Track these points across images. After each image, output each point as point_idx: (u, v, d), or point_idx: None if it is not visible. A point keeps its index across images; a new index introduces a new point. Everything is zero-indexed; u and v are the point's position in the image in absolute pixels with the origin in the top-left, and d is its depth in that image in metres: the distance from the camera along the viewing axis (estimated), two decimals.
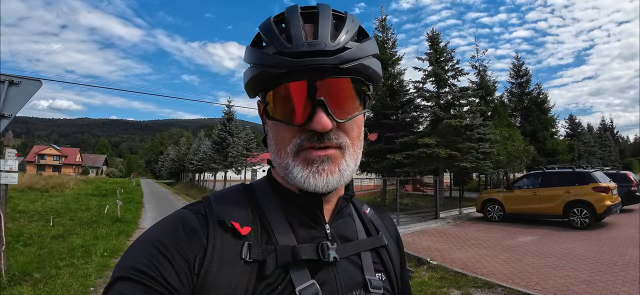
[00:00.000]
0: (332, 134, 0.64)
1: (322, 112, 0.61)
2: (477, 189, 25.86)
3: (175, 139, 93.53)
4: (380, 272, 0.76)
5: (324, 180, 0.64)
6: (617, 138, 70.34)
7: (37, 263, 6.91)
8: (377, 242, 0.79)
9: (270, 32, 0.64)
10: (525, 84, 29.18)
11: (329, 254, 0.66)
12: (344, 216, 0.78)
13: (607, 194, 10.65)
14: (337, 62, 0.61)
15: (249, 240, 0.64)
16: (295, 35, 0.61)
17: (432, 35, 18.32)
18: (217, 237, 0.62)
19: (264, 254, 0.63)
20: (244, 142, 28.42)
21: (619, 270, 6.42)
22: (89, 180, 42.98)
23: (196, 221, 0.64)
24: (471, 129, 16.64)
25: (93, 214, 13.90)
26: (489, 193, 14.04)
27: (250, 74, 0.66)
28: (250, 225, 0.66)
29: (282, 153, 0.66)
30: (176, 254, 0.58)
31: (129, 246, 0.62)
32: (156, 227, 0.64)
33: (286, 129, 0.65)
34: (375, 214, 0.88)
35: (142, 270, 0.56)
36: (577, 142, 34.13)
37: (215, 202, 0.68)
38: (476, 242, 9.24)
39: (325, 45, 0.60)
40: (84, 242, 8.83)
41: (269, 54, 0.62)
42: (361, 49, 0.64)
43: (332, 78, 0.62)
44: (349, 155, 0.67)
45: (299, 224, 0.70)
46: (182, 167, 53.92)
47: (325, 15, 0.65)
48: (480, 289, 5.84)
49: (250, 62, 0.66)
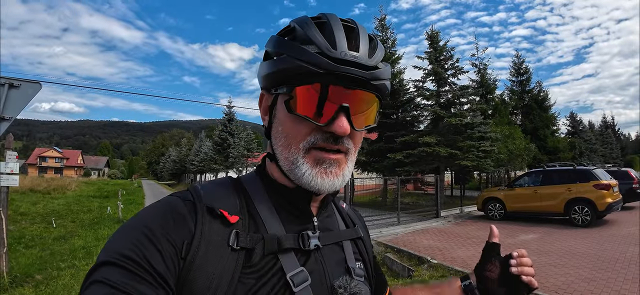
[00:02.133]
0: (345, 139, 0.69)
1: (344, 117, 0.65)
2: (478, 188, 25.88)
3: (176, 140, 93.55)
4: (359, 261, 0.82)
5: (330, 181, 0.68)
6: (619, 135, 70.09)
7: (38, 265, 6.94)
8: (355, 234, 0.85)
9: (312, 31, 0.66)
10: (525, 82, 29.14)
11: (310, 243, 0.71)
12: (328, 211, 0.83)
13: (608, 191, 10.62)
14: (370, 77, 0.66)
15: (237, 229, 0.65)
16: (340, 42, 0.64)
17: (431, 34, 18.32)
18: (205, 223, 0.63)
19: (251, 242, 0.65)
20: (244, 143, 28.48)
21: (620, 268, 6.40)
22: (91, 182, 42.99)
23: (184, 207, 0.64)
24: (472, 128, 16.63)
25: (95, 216, 13.94)
26: (490, 191, 14.01)
27: (281, 65, 0.67)
28: (238, 214, 0.68)
29: (293, 147, 0.68)
30: (163, 239, 0.59)
31: (115, 232, 0.62)
32: (143, 213, 0.64)
33: (304, 125, 0.67)
34: (351, 209, 0.95)
35: (127, 255, 0.56)
36: (578, 140, 34.06)
37: (203, 191, 0.69)
38: (477, 241, 9.22)
39: (365, 59, 0.65)
40: (85, 244, 8.86)
41: (311, 52, 0.63)
42: (386, 71, 0.70)
43: (361, 90, 0.66)
44: (350, 160, 0.72)
45: (288, 216, 0.73)
46: (184, 168, 53.99)
47: (364, 33, 0.69)
48: None
49: (284, 53, 0.67)
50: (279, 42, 0.69)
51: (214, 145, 30.02)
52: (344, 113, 0.65)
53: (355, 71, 0.64)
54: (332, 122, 0.65)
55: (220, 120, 30.60)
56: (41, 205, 16.47)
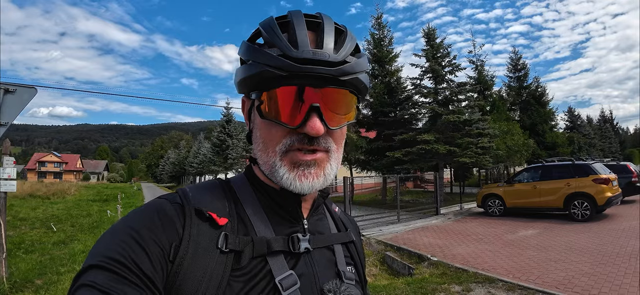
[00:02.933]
0: (322, 138, 0.67)
1: (316, 117, 0.63)
2: (477, 184, 25.89)
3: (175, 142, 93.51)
4: (351, 265, 0.81)
5: (309, 183, 0.67)
6: (617, 129, 70.35)
7: (38, 270, 6.91)
8: (347, 238, 0.84)
9: (274, 34, 0.65)
10: (523, 78, 29.24)
11: (299, 246, 0.70)
12: (319, 214, 0.82)
13: (608, 185, 10.63)
14: (338, 73, 0.64)
15: (226, 231, 0.65)
16: (302, 41, 0.63)
17: (428, 32, 18.32)
18: (194, 225, 0.63)
19: (240, 245, 0.64)
20: (243, 144, 28.45)
21: (620, 262, 6.40)
22: (90, 186, 42.91)
23: (172, 210, 0.64)
24: (470, 124, 16.64)
25: (94, 220, 13.88)
26: (489, 188, 14.02)
27: (247, 72, 0.66)
28: (227, 216, 0.67)
29: (270, 152, 0.68)
30: (151, 242, 0.58)
31: (102, 234, 0.61)
32: (130, 216, 0.63)
33: (277, 129, 0.66)
34: (343, 213, 0.94)
35: (114, 258, 0.55)
36: (576, 135, 34.17)
37: (192, 193, 0.69)
38: (477, 238, 9.24)
39: (328, 56, 0.63)
40: (85, 248, 8.82)
41: (273, 55, 0.63)
42: (358, 64, 0.67)
43: (330, 87, 0.65)
44: (333, 159, 0.70)
45: (278, 219, 0.72)
46: (183, 170, 54.04)
47: (329, 27, 0.67)
48: (481, 284, 5.83)
49: (250, 59, 0.67)
50: (246, 49, 0.69)
51: (212, 147, 30.09)
52: (316, 113, 0.63)
53: (319, 69, 0.62)
54: (304, 124, 0.63)
55: (218, 121, 30.65)
56: (41, 210, 16.42)
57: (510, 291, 5.47)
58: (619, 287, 5.24)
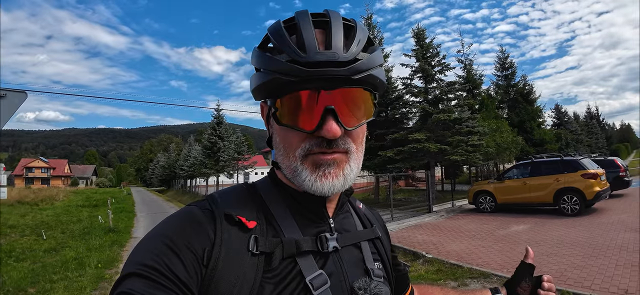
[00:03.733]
0: (340, 140, 0.65)
1: (332, 119, 0.62)
2: (468, 181, 26.11)
3: (164, 145, 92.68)
4: (378, 262, 0.80)
5: (330, 183, 0.66)
6: (604, 125, 71.47)
7: (31, 278, 6.82)
8: (373, 234, 0.83)
9: (282, 39, 0.65)
10: (510, 76, 29.58)
11: (328, 245, 0.70)
12: (344, 212, 0.81)
13: (596, 180, 10.81)
14: (349, 73, 0.62)
15: (255, 234, 0.65)
16: (309, 44, 0.62)
17: (417, 32, 18.47)
18: (224, 230, 0.64)
19: (271, 247, 0.64)
20: (234, 146, 28.28)
21: (611, 254, 6.52)
22: (79, 191, 42.35)
23: (203, 216, 0.65)
24: (460, 123, 16.81)
25: (85, 226, 13.73)
26: (480, 185, 14.16)
27: (260, 79, 0.66)
28: (255, 220, 0.68)
29: (291, 156, 0.67)
30: (184, 248, 0.59)
31: (138, 243, 0.63)
32: (163, 224, 0.65)
33: (295, 134, 0.66)
34: (368, 209, 0.93)
35: (150, 265, 0.56)
36: (564, 131, 34.59)
37: (220, 199, 0.70)
38: (470, 234, 9.33)
39: (338, 56, 0.62)
40: (77, 255, 8.72)
41: (282, 61, 0.62)
42: (371, 59, 0.66)
43: (343, 88, 0.64)
44: (353, 160, 0.69)
45: (304, 220, 0.72)
46: (173, 173, 53.54)
47: (337, 24, 0.66)
48: (476, 280, 5.91)
49: (261, 67, 0.67)
50: (256, 57, 0.69)
51: (203, 150, 29.79)
52: (331, 115, 0.62)
53: (330, 72, 0.61)
54: (320, 128, 0.62)
55: (209, 123, 30.32)
56: (30, 217, 16.18)
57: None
58: (611, 279, 5.35)
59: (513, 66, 29.65)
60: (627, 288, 4.95)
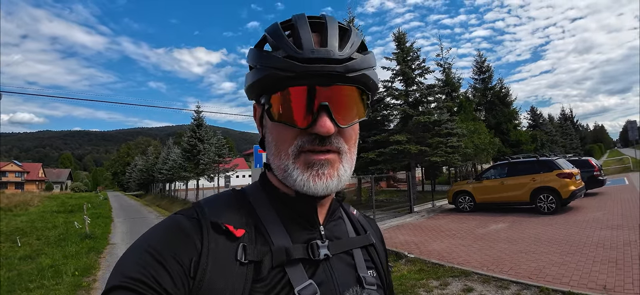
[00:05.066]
0: (333, 138, 0.66)
1: (325, 116, 0.62)
2: (447, 182, 26.47)
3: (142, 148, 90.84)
4: (371, 269, 0.79)
5: (324, 183, 0.65)
6: (578, 126, 73.40)
7: (7, 287, 6.62)
8: (366, 241, 0.82)
9: (279, 37, 0.65)
10: (487, 80, 30.15)
11: (319, 252, 0.69)
12: (336, 218, 0.80)
13: (571, 179, 11.11)
14: (344, 70, 0.63)
15: (243, 242, 0.64)
16: (306, 41, 0.63)
17: (398, 35, 18.63)
18: (211, 240, 0.62)
19: (259, 255, 0.63)
20: (215, 149, 27.94)
21: (588, 251, 6.69)
22: (54, 196, 41.10)
23: (189, 225, 0.63)
24: (439, 125, 17.04)
25: (60, 232, 13.31)
26: (459, 185, 14.37)
27: (256, 76, 0.66)
28: (244, 227, 0.67)
29: (283, 155, 0.67)
30: (170, 259, 0.58)
31: (122, 255, 0.61)
32: (148, 234, 0.63)
33: (288, 131, 0.66)
34: (362, 216, 0.92)
35: (136, 278, 0.55)
36: (539, 132, 35.45)
37: (207, 207, 0.68)
38: (450, 233, 9.46)
39: (333, 53, 0.63)
40: (53, 262, 8.47)
41: (279, 57, 0.63)
42: (365, 60, 0.67)
43: (338, 85, 0.64)
44: (346, 161, 0.69)
45: (294, 226, 0.71)
46: (152, 177, 52.44)
47: (333, 26, 0.67)
48: (457, 278, 5.99)
49: (257, 64, 0.66)
50: (251, 54, 0.69)
51: (182, 152, 29.26)
52: (325, 112, 0.62)
53: (325, 67, 0.62)
54: (314, 124, 0.62)
55: (188, 125, 29.82)
56: (4, 223, 15.62)
57: (485, 283, 5.64)
58: (588, 274, 5.50)
59: (490, 70, 30.24)
60: (605, 284, 5.09)
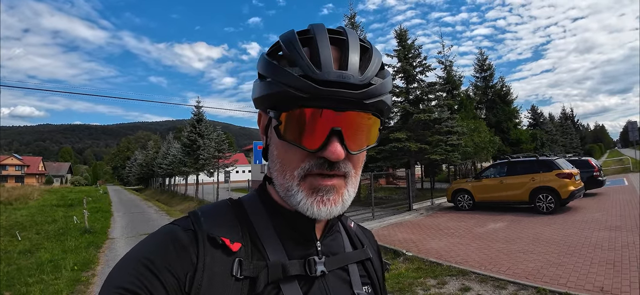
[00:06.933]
0: (341, 163, 0.63)
1: (337, 141, 0.60)
2: (447, 180, 26.49)
3: (142, 142, 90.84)
4: (367, 285, 0.78)
5: (327, 209, 0.64)
6: (578, 126, 73.29)
7: (6, 281, 6.63)
8: (363, 255, 0.80)
9: (296, 52, 0.61)
10: (489, 78, 30.09)
11: (316, 269, 0.67)
12: (333, 233, 0.79)
13: (571, 179, 11.11)
14: (362, 96, 0.61)
15: (239, 257, 0.63)
16: (325, 61, 0.59)
17: (400, 33, 18.62)
18: (207, 253, 0.61)
19: (255, 271, 0.62)
20: (215, 144, 27.90)
21: (586, 252, 6.69)
22: (54, 190, 41.20)
23: (185, 237, 0.62)
24: (439, 123, 17.04)
25: (60, 226, 13.34)
26: (458, 183, 14.37)
27: (267, 90, 0.63)
28: (240, 241, 0.65)
29: (287, 175, 0.65)
30: (165, 272, 0.57)
31: (116, 264, 0.60)
32: (143, 244, 0.62)
33: (296, 152, 0.63)
34: (359, 229, 0.90)
35: (130, 289, 0.54)
36: (539, 131, 35.39)
37: (203, 218, 0.67)
38: (449, 232, 9.46)
39: (353, 78, 0.60)
40: (52, 257, 8.49)
41: (294, 75, 0.59)
42: (383, 85, 0.64)
43: (353, 111, 0.61)
44: (351, 184, 0.67)
45: (291, 241, 0.70)
46: (151, 172, 52.49)
47: (355, 45, 0.64)
48: (455, 277, 5.98)
49: (269, 76, 0.63)
50: (265, 65, 0.65)
51: (182, 147, 29.25)
52: (337, 137, 0.60)
53: (343, 93, 0.59)
54: (324, 148, 0.60)
55: (188, 120, 29.78)
56: (4, 217, 15.65)
57: (483, 283, 5.64)
58: (586, 276, 5.49)
59: (491, 68, 30.18)
60: (602, 286, 5.08)
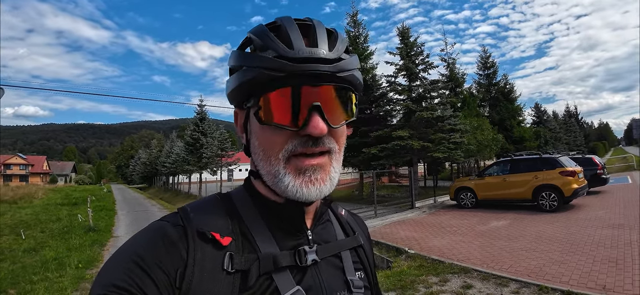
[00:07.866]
0: (325, 138, 0.65)
1: (318, 116, 0.61)
2: (449, 178, 26.41)
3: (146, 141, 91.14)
4: (360, 271, 0.79)
5: (317, 189, 0.65)
6: (582, 123, 72.96)
7: (10, 279, 6.70)
8: (355, 242, 0.81)
9: (267, 37, 0.64)
10: (492, 75, 29.99)
11: (307, 258, 0.68)
12: (323, 221, 0.79)
13: (574, 177, 11.05)
14: (335, 70, 0.63)
15: (230, 251, 0.63)
16: (296, 41, 0.62)
17: (402, 30, 18.57)
18: (198, 249, 0.61)
19: (246, 264, 0.63)
20: (218, 142, 28.00)
21: (589, 250, 6.65)
22: (58, 189, 41.29)
23: (175, 233, 0.62)
24: (442, 120, 17.04)
25: (64, 224, 13.44)
26: (461, 181, 14.33)
27: (243, 77, 0.64)
28: (230, 235, 0.65)
29: (272, 160, 0.65)
30: (155, 268, 0.57)
31: (106, 262, 0.61)
32: (133, 241, 0.62)
33: (278, 134, 0.64)
34: (350, 216, 0.91)
35: (121, 286, 0.54)
36: (543, 129, 35.26)
37: (193, 213, 0.67)
38: (451, 229, 9.45)
39: (324, 53, 0.62)
40: (57, 255, 8.57)
41: (268, 57, 0.61)
42: (352, 61, 0.67)
43: (329, 85, 0.63)
44: (335, 161, 0.69)
45: (281, 232, 0.70)
46: (155, 170, 52.76)
47: (321, 29, 0.66)
48: (457, 275, 5.99)
49: (243, 65, 0.65)
50: (237, 56, 0.67)
51: (186, 146, 29.38)
52: (317, 112, 0.61)
53: (317, 67, 0.61)
54: (306, 124, 0.61)
55: (191, 119, 29.96)
56: (8, 216, 15.73)
57: (485, 280, 5.64)
58: (588, 274, 5.48)
59: (494, 66, 30.08)
60: (604, 284, 5.07)
